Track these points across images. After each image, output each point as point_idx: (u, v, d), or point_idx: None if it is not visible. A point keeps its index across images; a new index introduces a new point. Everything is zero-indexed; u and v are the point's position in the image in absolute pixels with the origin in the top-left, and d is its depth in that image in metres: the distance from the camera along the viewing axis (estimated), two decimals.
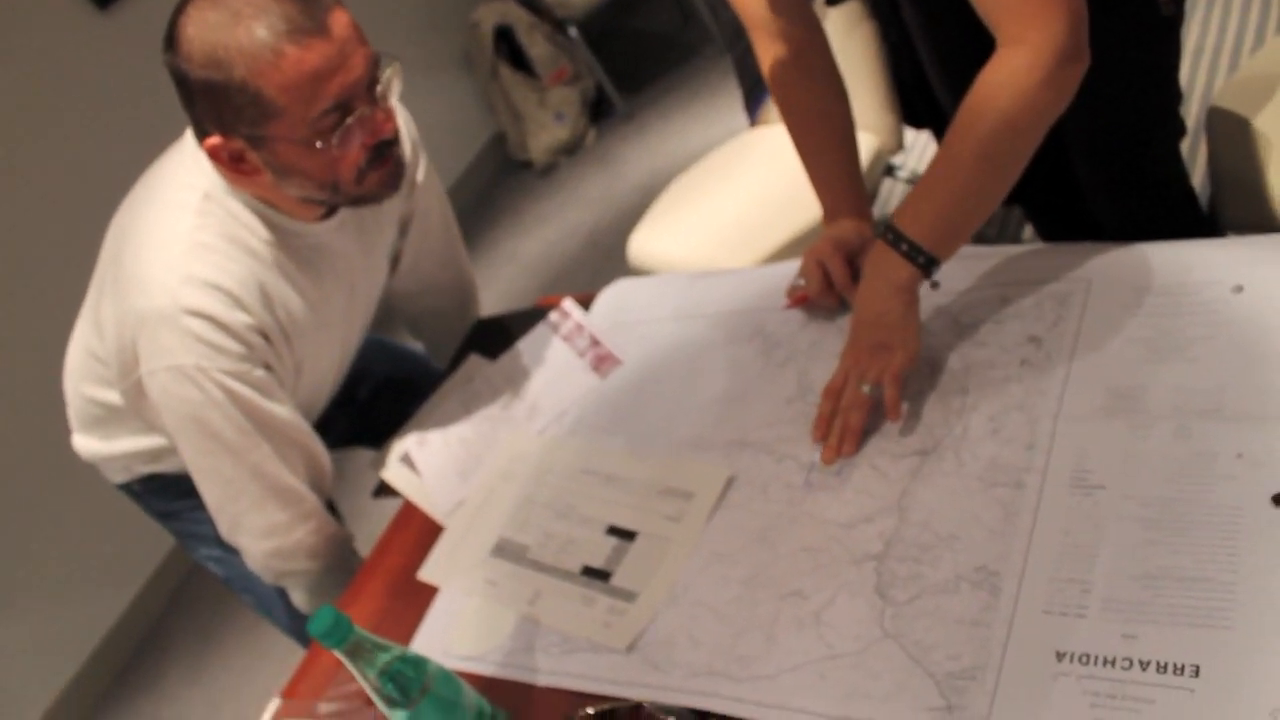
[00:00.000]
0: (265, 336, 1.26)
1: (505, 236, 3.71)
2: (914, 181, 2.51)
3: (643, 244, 2.19)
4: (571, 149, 3.95)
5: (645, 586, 1.11)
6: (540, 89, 3.88)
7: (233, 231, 1.24)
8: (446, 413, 1.54)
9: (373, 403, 1.75)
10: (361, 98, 1.15)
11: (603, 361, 1.42)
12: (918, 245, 1.05)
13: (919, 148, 2.72)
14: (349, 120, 1.14)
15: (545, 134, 3.90)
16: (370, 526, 1.49)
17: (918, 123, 2.26)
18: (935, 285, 1.15)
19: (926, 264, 1.06)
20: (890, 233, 1.07)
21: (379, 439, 1.60)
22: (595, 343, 1.46)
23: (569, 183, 3.82)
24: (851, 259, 1.25)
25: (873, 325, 1.10)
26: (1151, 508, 0.87)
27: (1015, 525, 0.92)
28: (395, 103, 1.23)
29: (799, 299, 1.29)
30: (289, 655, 1.59)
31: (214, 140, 1.16)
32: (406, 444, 1.53)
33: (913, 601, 0.92)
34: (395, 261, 1.57)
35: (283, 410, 1.30)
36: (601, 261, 3.25)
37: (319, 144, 1.14)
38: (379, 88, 1.17)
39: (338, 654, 0.93)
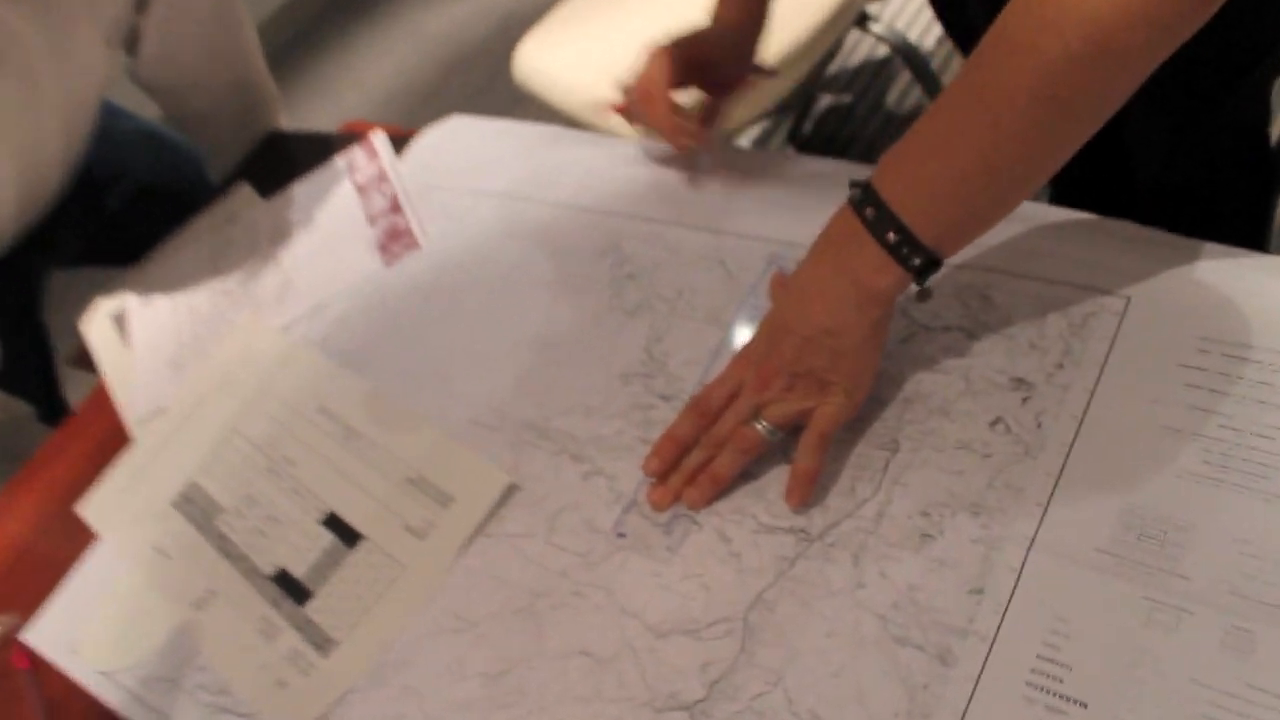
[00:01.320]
0: None
1: (410, 5, 3.12)
2: (894, 43, 1.97)
3: (530, 55, 1.72)
4: None
5: (350, 634, 0.72)
6: None
7: None
8: (189, 260, 1.12)
9: (126, 215, 1.33)
10: None
11: (394, 240, 0.98)
12: (915, 238, 0.60)
13: None
14: None
15: None
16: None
17: None
18: (927, 295, 0.66)
19: (924, 266, 0.61)
20: (870, 204, 0.61)
21: (132, 258, 1.19)
22: (395, 207, 1.01)
23: None
24: (704, 63, 0.87)
25: (809, 341, 0.64)
26: None
27: None
28: None
29: (619, 108, 0.93)
30: None
31: None
32: (126, 297, 1.10)
33: None
34: (131, 46, 1.11)
35: None
36: (504, 54, 2.71)
37: None
38: None
39: None
